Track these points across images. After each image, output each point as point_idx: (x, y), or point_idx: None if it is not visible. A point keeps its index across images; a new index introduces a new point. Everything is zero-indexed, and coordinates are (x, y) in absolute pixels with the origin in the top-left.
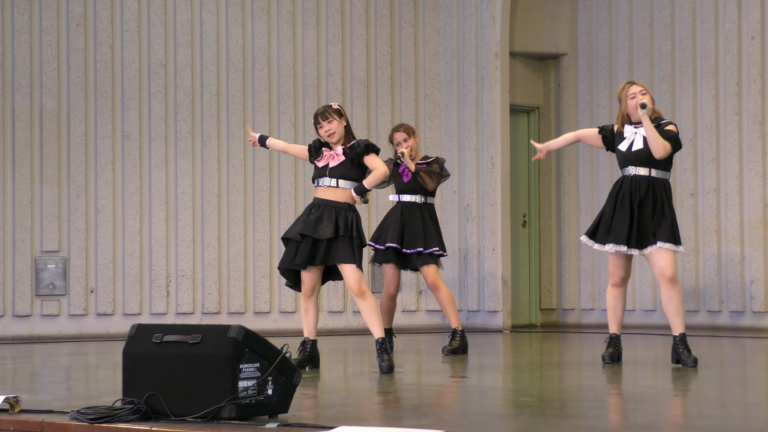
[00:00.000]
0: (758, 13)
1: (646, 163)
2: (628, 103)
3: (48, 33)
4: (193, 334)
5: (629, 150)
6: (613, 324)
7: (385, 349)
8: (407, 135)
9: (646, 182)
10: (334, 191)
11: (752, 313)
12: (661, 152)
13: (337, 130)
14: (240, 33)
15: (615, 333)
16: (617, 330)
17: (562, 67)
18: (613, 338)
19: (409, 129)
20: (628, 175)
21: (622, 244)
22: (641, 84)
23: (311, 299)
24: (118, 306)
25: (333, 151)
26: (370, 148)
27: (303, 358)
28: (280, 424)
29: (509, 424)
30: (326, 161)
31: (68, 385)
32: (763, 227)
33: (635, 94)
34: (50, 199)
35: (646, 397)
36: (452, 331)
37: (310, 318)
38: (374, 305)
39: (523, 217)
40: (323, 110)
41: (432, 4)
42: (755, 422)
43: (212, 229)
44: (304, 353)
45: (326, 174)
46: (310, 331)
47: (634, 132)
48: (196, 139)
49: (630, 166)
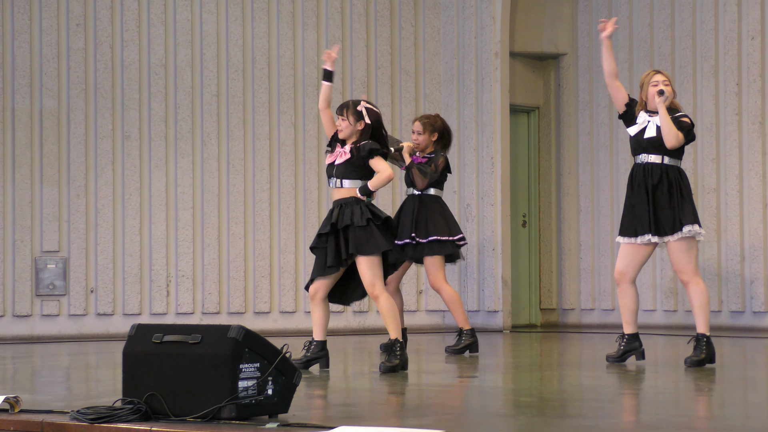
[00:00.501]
0: (758, 13)
1: (659, 150)
2: (648, 90)
3: (48, 33)
4: (193, 334)
5: (641, 137)
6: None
7: (391, 350)
8: (422, 129)
9: (659, 169)
10: (339, 191)
11: (752, 313)
12: (673, 141)
13: (346, 130)
14: (240, 33)
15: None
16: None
17: (562, 67)
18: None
19: (428, 124)
20: (640, 163)
21: (646, 234)
22: (666, 74)
23: (314, 301)
24: (118, 306)
25: (344, 148)
26: (373, 152)
27: (302, 358)
28: (280, 424)
29: (509, 424)
30: (334, 158)
31: (68, 385)
32: (763, 227)
33: (658, 82)
34: (50, 199)
35: (646, 397)
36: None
37: (313, 319)
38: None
39: (523, 217)
40: (345, 105)
41: (432, 4)
42: (755, 422)
43: (212, 229)
44: (305, 354)
45: (333, 174)
46: (315, 332)
47: (647, 120)
48: (196, 139)
49: (642, 153)
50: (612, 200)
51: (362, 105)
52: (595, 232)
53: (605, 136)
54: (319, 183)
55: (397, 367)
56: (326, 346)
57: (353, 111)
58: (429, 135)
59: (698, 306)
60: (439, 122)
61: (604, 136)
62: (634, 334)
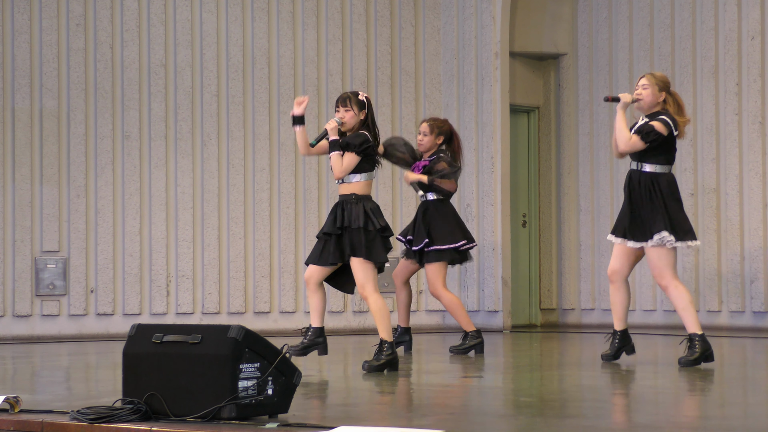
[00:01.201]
0: (758, 13)
1: (635, 156)
2: None
3: (48, 33)
4: (193, 334)
5: None
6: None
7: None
8: (429, 131)
9: (637, 175)
10: (340, 187)
11: (752, 313)
12: (621, 146)
13: (349, 121)
14: (240, 33)
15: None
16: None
17: (562, 67)
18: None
19: (435, 126)
20: (630, 169)
21: (619, 237)
22: (649, 77)
23: (309, 287)
24: (118, 306)
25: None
26: (347, 147)
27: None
28: (280, 424)
29: (509, 424)
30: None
31: (68, 385)
32: (763, 227)
33: (638, 86)
34: (50, 199)
35: (646, 397)
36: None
37: (311, 305)
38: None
39: (523, 217)
40: (346, 96)
41: (432, 4)
42: (755, 422)
43: (212, 229)
44: (302, 341)
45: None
46: (312, 318)
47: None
48: (196, 139)
49: (631, 159)
50: (612, 200)
51: (362, 95)
52: (595, 232)
53: (605, 136)
54: (319, 183)
55: (383, 367)
56: (323, 332)
57: (357, 101)
58: (434, 137)
59: (681, 308)
60: (446, 126)
61: (604, 136)
62: (624, 330)
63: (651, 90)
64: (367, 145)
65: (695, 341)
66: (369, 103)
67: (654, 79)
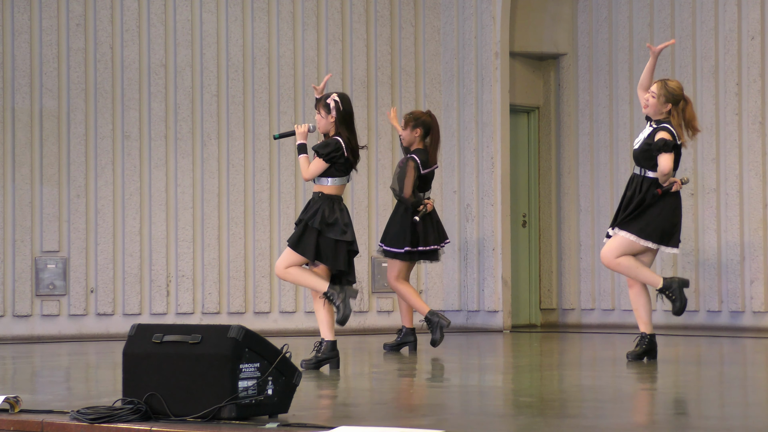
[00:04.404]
0: (758, 13)
1: (639, 163)
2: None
3: (48, 33)
4: (193, 334)
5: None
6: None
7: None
8: (404, 124)
9: (639, 180)
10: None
11: (752, 313)
12: (663, 169)
13: (320, 124)
14: (240, 33)
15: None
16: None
17: (562, 67)
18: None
19: (410, 118)
20: (633, 173)
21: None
22: (660, 86)
23: (315, 300)
24: (118, 306)
25: None
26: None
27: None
28: (280, 424)
29: (509, 424)
30: None
31: (68, 385)
32: (763, 227)
33: (647, 97)
34: (50, 199)
35: (645, 397)
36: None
37: (319, 319)
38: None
39: (523, 217)
40: (317, 100)
41: (432, 4)
42: (755, 422)
43: (212, 229)
44: (315, 354)
45: None
46: (323, 332)
47: (642, 132)
48: (196, 139)
49: (635, 165)
50: (612, 200)
51: (331, 98)
52: (595, 232)
53: (605, 136)
54: None
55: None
56: (336, 345)
57: (323, 104)
58: (411, 130)
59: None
60: (423, 117)
61: (604, 136)
62: (653, 335)
63: (657, 100)
64: (335, 153)
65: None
66: (343, 104)
67: (664, 89)
